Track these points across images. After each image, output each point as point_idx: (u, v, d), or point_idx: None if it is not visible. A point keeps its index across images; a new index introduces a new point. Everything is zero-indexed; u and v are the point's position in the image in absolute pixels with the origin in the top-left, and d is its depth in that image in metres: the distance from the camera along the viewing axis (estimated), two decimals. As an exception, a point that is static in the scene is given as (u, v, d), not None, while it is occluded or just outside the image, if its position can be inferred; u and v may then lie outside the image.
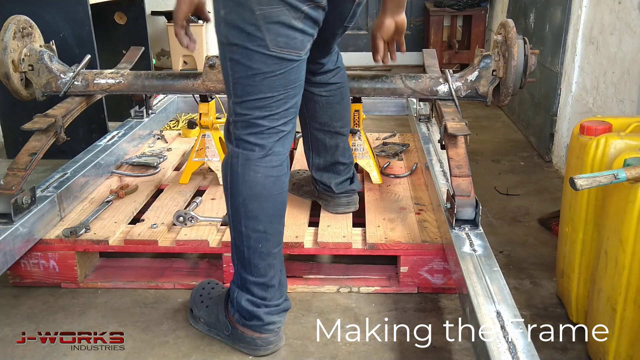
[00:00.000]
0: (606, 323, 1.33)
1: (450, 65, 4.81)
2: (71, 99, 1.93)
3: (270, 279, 1.40)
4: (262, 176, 1.32)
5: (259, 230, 1.35)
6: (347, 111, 1.83)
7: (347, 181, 1.87)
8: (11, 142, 2.88)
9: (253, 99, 1.29)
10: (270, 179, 1.33)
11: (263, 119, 1.31)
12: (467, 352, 1.47)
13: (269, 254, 1.38)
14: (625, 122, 1.48)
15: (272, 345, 1.44)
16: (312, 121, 1.80)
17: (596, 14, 2.37)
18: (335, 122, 1.78)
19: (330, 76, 1.73)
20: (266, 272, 1.39)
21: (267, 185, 1.33)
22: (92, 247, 1.74)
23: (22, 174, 1.67)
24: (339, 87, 1.76)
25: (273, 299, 1.41)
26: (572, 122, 2.54)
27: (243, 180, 1.33)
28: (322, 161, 1.85)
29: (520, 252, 1.97)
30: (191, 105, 2.83)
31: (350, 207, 1.89)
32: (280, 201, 1.38)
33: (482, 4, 4.46)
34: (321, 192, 1.90)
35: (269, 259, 1.38)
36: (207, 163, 2.12)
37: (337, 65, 1.75)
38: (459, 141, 1.63)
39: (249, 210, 1.34)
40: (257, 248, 1.36)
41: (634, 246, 1.24)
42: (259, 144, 1.32)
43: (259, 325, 1.41)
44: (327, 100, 1.75)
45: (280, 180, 1.35)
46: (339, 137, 1.81)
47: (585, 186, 1.23)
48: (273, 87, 1.28)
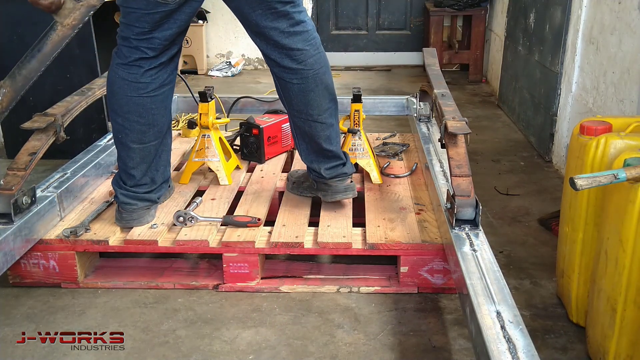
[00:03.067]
0: (606, 323, 1.33)
1: (450, 65, 4.82)
2: (70, 98, 1.93)
3: (130, 169, 1.77)
4: (119, 78, 1.70)
5: (117, 122, 1.74)
6: (324, 98, 1.77)
7: (339, 166, 1.86)
8: (11, 141, 2.88)
9: (129, 24, 1.66)
10: (125, 82, 1.69)
11: (132, 38, 1.67)
12: (467, 352, 1.47)
13: (128, 147, 1.75)
14: (625, 122, 1.47)
15: (124, 222, 1.78)
16: (290, 108, 1.81)
17: (596, 14, 2.37)
18: (311, 109, 1.76)
19: (299, 60, 1.71)
20: (126, 162, 1.77)
21: (122, 86, 1.70)
22: (92, 247, 1.74)
23: (22, 173, 1.67)
24: (312, 74, 1.73)
25: (130, 185, 1.78)
26: (572, 122, 2.54)
27: (108, 78, 1.74)
28: (308, 147, 1.85)
29: (520, 252, 1.97)
30: (191, 105, 2.83)
31: (348, 193, 1.87)
32: (136, 102, 1.71)
33: (482, 4, 4.45)
34: (317, 182, 1.90)
35: (129, 151, 1.75)
36: (207, 163, 2.11)
37: (305, 47, 1.71)
38: (459, 140, 1.62)
39: (110, 102, 1.75)
40: (118, 137, 1.76)
41: (634, 246, 1.24)
42: (124, 54, 1.69)
43: (119, 203, 1.79)
44: (300, 87, 1.74)
45: (135, 85, 1.70)
46: (317, 125, 1.78)
47: (585, 186, 1.23)
48: (144, 20, 1.63)
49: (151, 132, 1.76)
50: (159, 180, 1.85)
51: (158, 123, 1.77)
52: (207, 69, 4.95)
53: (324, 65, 1.76)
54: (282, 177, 2.17)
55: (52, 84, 2.74)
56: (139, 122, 1.73)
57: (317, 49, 1.74)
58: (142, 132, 1.75)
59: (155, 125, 1.76)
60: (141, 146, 1.76)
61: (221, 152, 2.12)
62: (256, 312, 1.64)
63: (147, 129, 1.75)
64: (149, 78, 1.71)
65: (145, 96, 1.71)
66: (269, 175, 2.18)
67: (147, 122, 1.74)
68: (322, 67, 1.75)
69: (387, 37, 5.20)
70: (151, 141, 1.77)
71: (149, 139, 1.77)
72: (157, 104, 1.75)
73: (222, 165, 2.11)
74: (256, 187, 2.08)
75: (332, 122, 1.81)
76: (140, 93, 1.71)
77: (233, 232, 1.75)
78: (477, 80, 4.52)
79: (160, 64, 1.72)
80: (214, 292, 1.73)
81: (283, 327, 1.57)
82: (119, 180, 1.80)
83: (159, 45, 1.68)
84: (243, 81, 4.65)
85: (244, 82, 4.62)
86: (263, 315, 1.62)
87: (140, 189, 1.79)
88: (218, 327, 1.57)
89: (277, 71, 1.75)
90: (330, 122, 1.81)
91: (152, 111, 1.74)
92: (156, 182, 1.83)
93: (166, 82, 1.76)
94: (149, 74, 1.71)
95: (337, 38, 5.20)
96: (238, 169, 2.24)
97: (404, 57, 5.19)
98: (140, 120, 1.73)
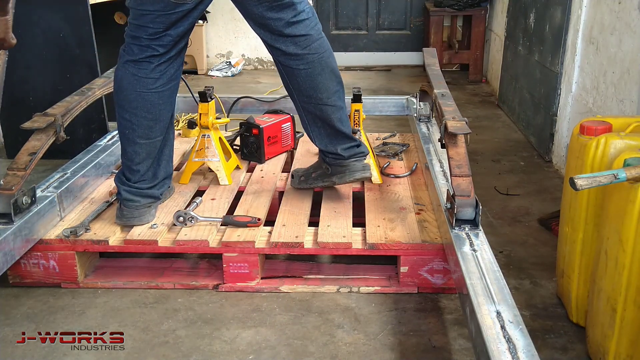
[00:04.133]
0: (606, 323, 1.33)
1: (450, 65, 4.82)
2: (70, 98, 1.93)
3: (136, 164, 1.79)
4: (129, 74, 1.72)
5: (125, 118, 1.76)
6: (332, 81, 1.81)
7: (354, 147, 1.89)
8: (11, 141, 2.88)
9: (143, 25, 1.68)
10: (135, 77, 1.72)
11: (144, 38, 1.70)
12: (467, 352, 1.47)
13: (135, 142, 1.77)
14: (625, 122, 1.48)
15: (125, 220, 1.78)
16: (300, 95, 1.83)
17: (596, 14, 2.36)
18: (320, 93, 1.80)
19: (304, 46, 1.74)
20: (132, 157, 1.78)
21: (132, 81, 1.72)
22: (92, 247, 1.74)
23: (21, 173, 1.67)
24: (318, 58, 1.77)
25: (135, 182, 1.79)
26: (572, 122, 2.54)
27: (115, 74, 1.76)
28: (322, 131, 1.88)
29: (520, 252, 1.97)
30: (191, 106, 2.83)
31: (366, 172, 1.90)
32: (145, 98, 1.74)
33: (482, 4, 4.45)
34: (332, 165, 1.91)
35: (135, 147, 1.77)
36: (207, 163, 2.11)
37: (309, 33, 1.75)
38: (459, 140, 1.62)
39: (118, 99, 1.76)
40: (125, 133, 1.77)
41: (634, 246, 1.24)
42: (134, 51, 1.72)
43: (121, 200, 1.79)
44: (307, 72, 1.77)
45: (144, 81, 1.72)
46: (328, 107, 1.82)
47: (585, 186, 1.23)
48: (159, 21, 1.66)
49: (157, 128, 1.79)
50: (161, 176, 1.87)
51: (164, 118, 1.81)
52: (207, 69, 4.95)
53: (327, 49, 1.81)
54: (282, 177, 2.17)
55: (52, 84, 2.74)
56: (147, 117, 1.76)
57: (319, 33, 1.79)
58: (149, 128, 1.77)
59: (162, 120, 1.80)
60: (148, 142, 1.78)
61: (221, 152, 2.12)
62: (256, 312, 1.64)
63: (153, 124, 1.78)
64: (158, 73, 1.74)
65: (154, 91, 1.74)
66: (269, 175, 2.18)
67: (154, 118, 1.77)
68: (326, 50, 1.80)
69: (387, 37, 5.20)
70: (157, 136, 1.80)
71: (155, 135, 1.79)
72: (165, 99, 1.78)
73: (222, 165, 2.11)
74: (256, 187, 2.08)
75: (341, 105, 1.86)
76: (150, 88, 1.74)
77: (233, 232, 1.75)
78: (477, 80, 4.52)
79: (169, 58, 1.75)
80: (214, 292, 1.73)
81: (283, 327, 1.57)
82: (122, 177, 1.82)
83: (170, 42, 1.72)
84: (243, 81, 4.65)
85: (243, 82, 4.62)
86: (263, 315, 1.62)
87: (143, 185, 1.81)
88: (218, 327, 1.57)
89: (283, 60, 1.78)
90: (340, 104, 1.85)
91: (159, 107, 1.77)
92: (158, 177, 1.86)
93: (173, 77, 1.79)
94: (159, 69, 1.74)
95: (337, 38, 5.20)
96: (238, 169, 2.24)
97: (404, 57, 5.19)
98: (147, 115, 1.76)
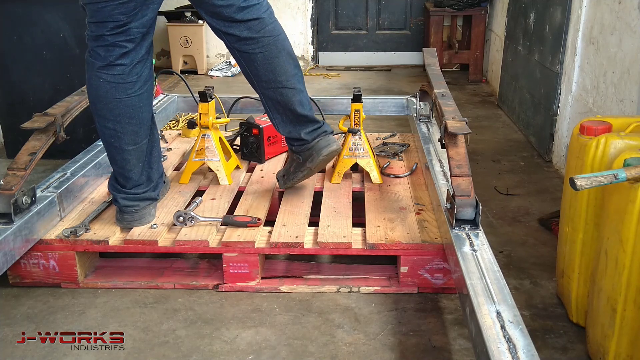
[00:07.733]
0: (606, 323, 1.33)
1: (450, 65, 4.82)
2: (70, 98, 1.93)
3: (128, 172, 1.76)
4: (104, 82, 1.66)
5: (108, 127, 1.71)
6: (289, 64, 1.81)
7: (317, 129, 1.89)
8: (11, 141, 2.88)
9: (101, 21, 1.63)
10: (112, 84, 1.66)
11: (107, 35, 1.64)
12: (467, 352, 1.47)
13: (123, 149, 1.73)
14: (625, 122, 1.47)
15: (126, 223, 1.78)
16: (258, 80, 1.82)
17: (596, 14, 2.36)
18: (279, 76, 1.79)
19: (257, 29, 1.74)
20: (123, 165, 1.75)
21: (109, 89, 1.66)
22: (92, 247, 1.74)
23: (21, 173, 1.67)
24: (273, 41, 1.76)
25: (130, 188, 1.78)
26: (572, 122, 2.54)
27: (90, 84, 1.70)
28: (284, 117, 1.87)
29: (520, 252, 1.97)
30: (191, 105, 2.83)
31: (332, 144, 1.88)
32: (126, 104, 1.69)
33: (482, 4, 4.45)
34: (300, 152, 1.90)
35: (124, 154, 1.74)
36: (207, 163, 2.11)
37: (261, 16, 1.74)
38: (459, 140, 1.62)
39: (97, 109, 1.70)
40: (111, 143, 1.73)
41: (634, 246, 1.24)
42: (101, 54, 1.65)
43: (120, 207, 1.77)
44: (264, 56, 1.77)
45: (122, 86, 1.67)
46: (287, 90, 1.81)
47: (585, 186, 1.23)
48: (118, 12, 1.60)
49: (142, 131, 1.77)
50: (155, 177, 1.86)
51: (146, 121, 1.78)
52: (207, 69, 4.94)
53: (282, 32, 1.81)
54: (282, 177, 2.17)
55: (52, 84, 2.74)
56: (131, 122, 1.72)
57: (272, 17, 1.79)
58: (135, 133, 1.75)
59: (145, 123, 1.77)
60: (135, 147, 1.76)
61: (221, 152, 2.12)
62: (256, 312, 1.64)
63: (138, 129, 1.75)
64: (134, 77, 1.70)
65: (134, 96, 1.71)
66: (269, 175, 2.18)
67: (138, 122, 1.74)
68: (281, 34, 1.80)
69: (387, 37, 5.20)
70: (143, 140, 1.78)
71: (142, 138, 1.77)
72: (144, 101, 1.75)
73: (222, 165, 2.11)
74: (256, 187, 2.08)
75: (301, 88, 1.85)
76: (129, 94, 1.70)
77: (233, 232, 1.75)
78: (477, 80, 4.52)
79: (141, 57, 1.70)
80: (214, 292, 1.73)
81: (283, 327, 1.57)
82: (115, 185, 1.79)
83: (137, 34, 1.66)
84: (243, 81, 4.60)
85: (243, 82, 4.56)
86: (263, 315, 1.62)
87: (139, 189, 1.80)
88: (218, 327, 1.57)
89: (238, 46, 1.77)
90: (300, 87, 1.84)
91: (141, 110, 1.74)
92: (152, 180, 1.85)
93: (148, 78, 1.76)
94: (135, 72, 1.69)
95: (337, 38, 5.20)
96: (238, 168, 2.24)
97: (403, 57, 5.19)
98: (131, 121, 1.72)
